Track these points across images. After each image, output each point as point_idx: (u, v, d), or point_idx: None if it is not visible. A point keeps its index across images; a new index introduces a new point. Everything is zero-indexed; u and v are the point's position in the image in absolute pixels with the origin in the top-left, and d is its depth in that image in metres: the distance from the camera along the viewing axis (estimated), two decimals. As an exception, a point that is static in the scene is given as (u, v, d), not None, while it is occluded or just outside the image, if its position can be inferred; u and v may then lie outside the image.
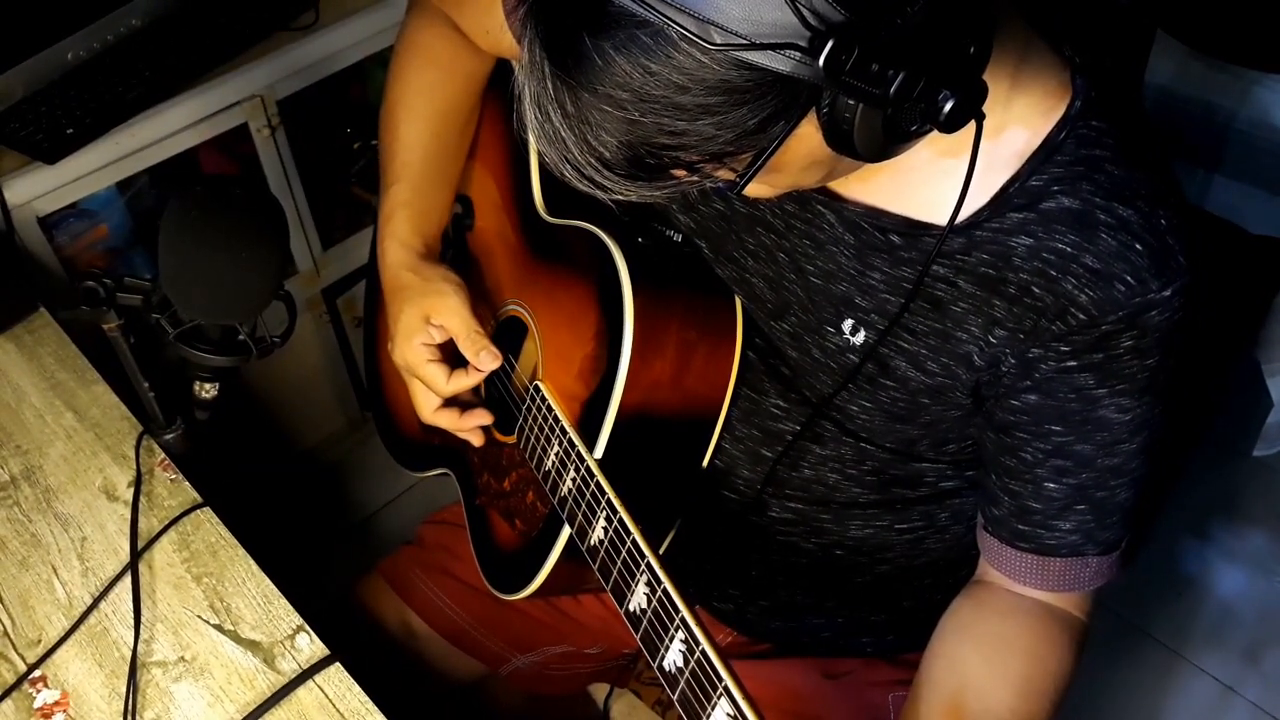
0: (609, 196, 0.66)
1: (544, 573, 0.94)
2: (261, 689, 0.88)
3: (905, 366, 0.82)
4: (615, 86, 0.58)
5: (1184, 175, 0.78)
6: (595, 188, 0.65)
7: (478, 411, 1.03)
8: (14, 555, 0.99)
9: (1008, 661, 0.83)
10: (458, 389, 1.00)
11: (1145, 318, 0.73)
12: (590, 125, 0.61)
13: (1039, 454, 0.81)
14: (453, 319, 0.99)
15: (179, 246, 0.89)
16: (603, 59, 0.58)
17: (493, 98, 1.10)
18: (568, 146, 0.63)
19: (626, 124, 0.60)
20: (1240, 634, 1.79)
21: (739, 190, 0.64)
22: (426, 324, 1.00)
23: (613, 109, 0.59)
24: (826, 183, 0.73)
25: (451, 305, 1.00)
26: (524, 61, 0.62)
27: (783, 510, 0.96)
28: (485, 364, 0.99)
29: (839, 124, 0.60)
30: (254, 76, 1.50)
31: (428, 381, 1.01)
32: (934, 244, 0.78)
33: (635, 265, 0.89)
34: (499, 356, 0.99)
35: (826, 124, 0.60)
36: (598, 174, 0.63)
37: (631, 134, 0.60)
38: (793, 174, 0.67)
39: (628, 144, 0.61)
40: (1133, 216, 0.73)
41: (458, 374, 1.00)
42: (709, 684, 0.69)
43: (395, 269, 1.04)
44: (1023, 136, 0.75)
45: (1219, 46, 1.82)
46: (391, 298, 1.04)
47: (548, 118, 0.62)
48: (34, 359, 1.16)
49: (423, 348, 1.00)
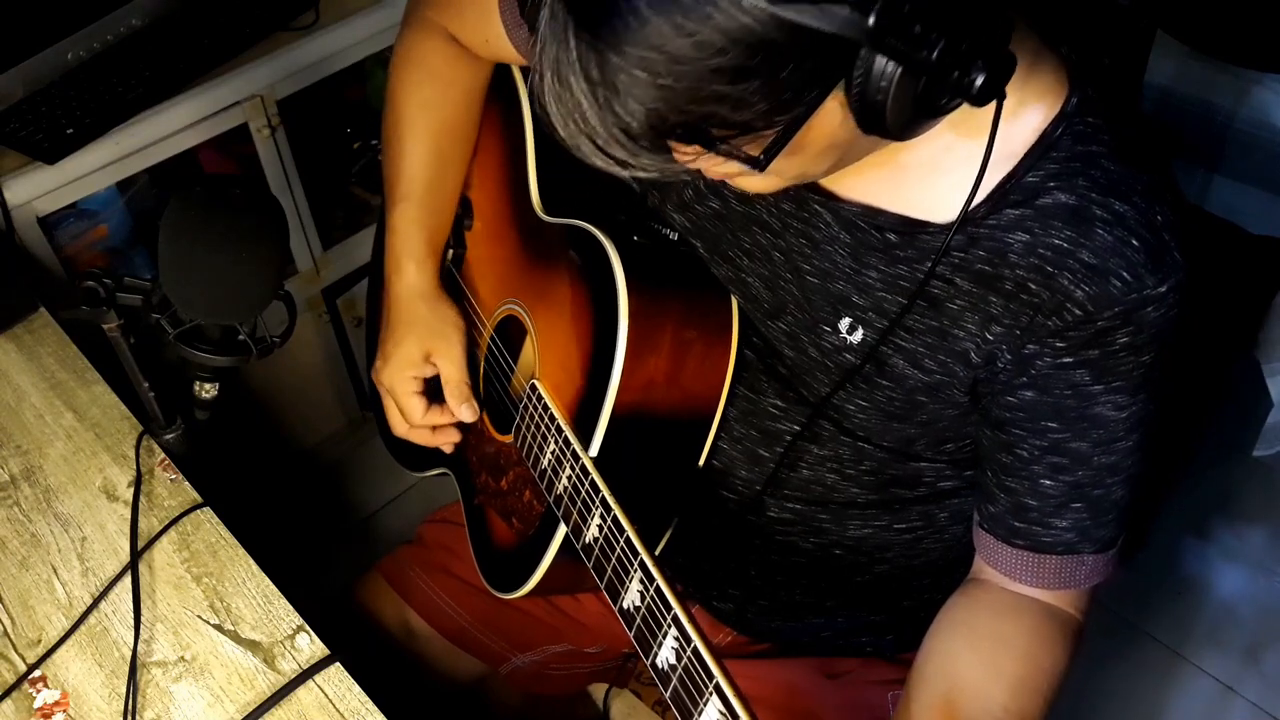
0: (629, 173, 0.64)
1: (540, 571, 0.94)
2: (261, 689, 0.88)
3: (903, 364, 0.82)
4: (648, 49, 0.56)
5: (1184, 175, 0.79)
6: (614, 164, 0.63)
7: (448, 430, 1.08)
8: (14, 555, 0.99)
9: (1001, 659, 0.83)
10: (430, 424, 1.07)
11: (1141, 314, 0.73)
12: (617, 92, 0.58)
13: (1035, 451, 0.81)
14: (449, 366, 1.06)
15: (179, 246, 0.89)
16: (637, 19, 0.56)
17: (491, 100, 1.10)
18: (588, 118, 0.60)
19: (657, 90, 0.58)
20: (1240, 634, 1.79)
21: (764, 166, 0.62)
22: (424, 361, 1.06)
23: (644, 73, 0.57)
24: (833, 172, 0.73)
25: (453, 354, 1.06)
26: (544, 25, 0.60)
27: (781, 510, 0.96)
28: (464, 416, 1.05)
29: (872, 93, 0.59)
30: (254, 76, 1.50)
31: (405, 410, 1.07)
32: (929, 241, 0.78)
33: (631, 264, 0.89)
34: (477, 412, 1.05)
35: (859, 94, 0.59)
36: (620, 148, 0.61)
37: (661, 101, 0.58)
38: (808, 158, 0.67)
39: (656, 112, 0.59)
40: (1129, 212, 0.73)
41: (434, 410, 1.07)
42: (701, 681, 0.69)
43: (410, 294, 1.08)
44: (1019, 134, 0.75)
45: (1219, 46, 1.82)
46: (397, 323, 1.07)
47: (568, 86, 0.60)
48: (34, 359, 1.16)
49: (411, 380, 1.06)
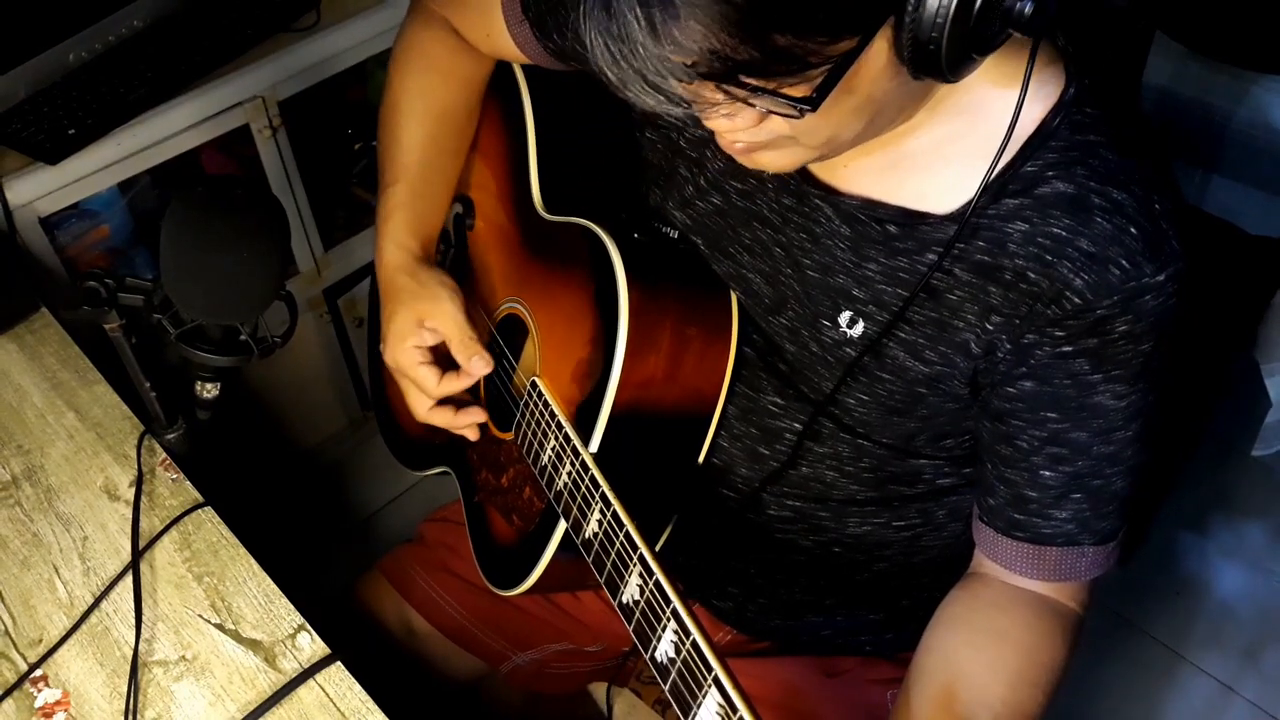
0: (681, 111, 0.64)
1: (540, 567, 0.95)
2: (262, 688, 0.89)
3: (903, 356, 0.83)
4: None
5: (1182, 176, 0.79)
6: (665, 101, 0.62)
7: (473, 409, 1.03)
8: (15, 555, 0.99)
9: (1000, 654, 0.83)
10: (448, 391, 1.01)
11: (1139, 302, 0.74)
12: (676, 15, 0.58)
13: (1035, 442, 0.81)
14: (446, 323, 1.00)
15: (180, 247, 0.90)
16: None
17: (492, 98, 1.10)
18: (639, 50, 0.60)
19: (719, 12, 0.58)
20: (1239, 633, 1.79)
21: (818, 104, 0.62)
22: (420, 327, 1.01)
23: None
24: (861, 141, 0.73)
25: (445, 310, 1.00)
26: None
27: (781, 508, 0.96)
28: (477, 369, 1.00)
29: (927, 26, 0.60)
30: (255, 77, 1.50)
31: (419, 383, 1.02)
32: (930, 232, 0.78)
33: (631, 261, 0.89)
34: (491, 362, 1.00)
35: (913, 26, 0.60)
36: (674, 79, 0.61)
37: (722, 20, 0.58)
38: (846, 111, 0.67)
39: (715, 37, 0.59)
40: (1127, 200, 0.73)
41: (449, 376, 1.01)
42: (699, 674, 0.69)
43: (391, 271, 1.04)
44: (1018, 124, 0.75)
45: (1218, 47, 1.82)
46: (386, 300, 1.05)
47: (618, 17, 0.59)
48: (36, 359, 1.16)
49: (414, 350, 1.01)
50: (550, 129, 1.06)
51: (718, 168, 0.91)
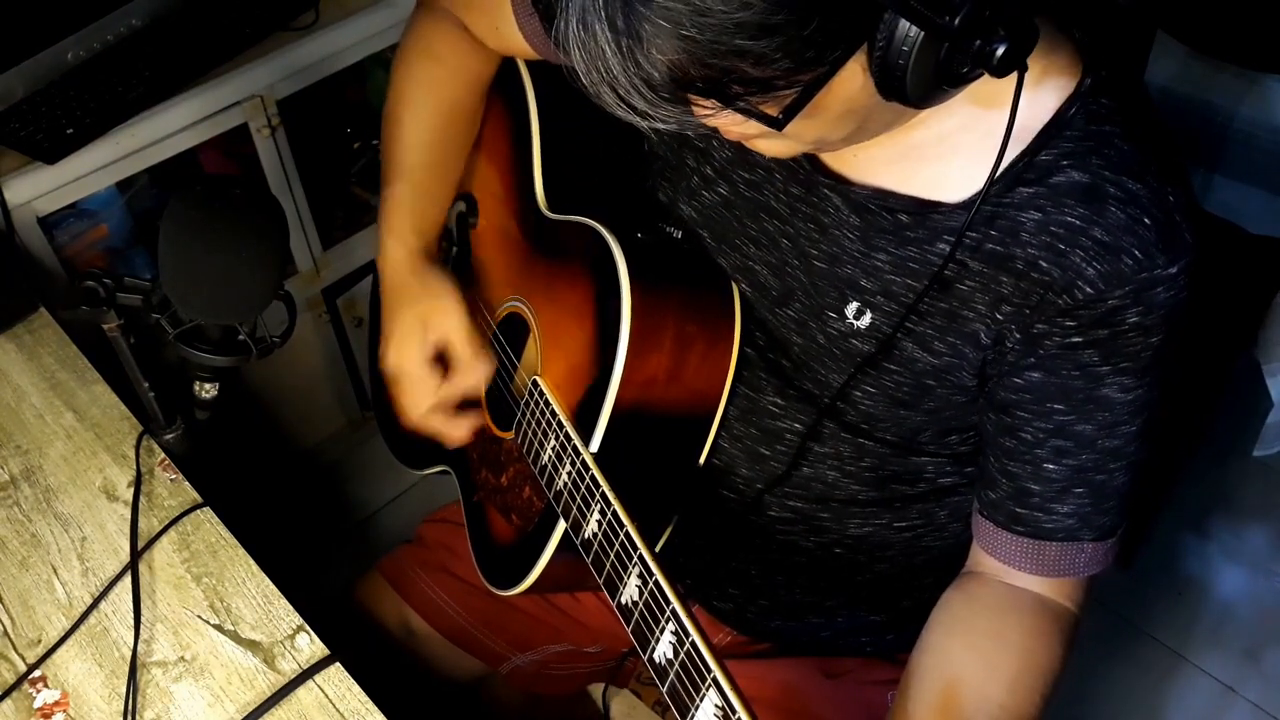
0: (648, 125, 0.65)
1: (539, 567, 0.94)
2: (261, 689, 0.88)
3: (912, 347, 0.82)
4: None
5: (1183, 175, 0.79)
6: (634, 114, 0.64)
7: (464, 420, 1.03)
8: (14, 555, 0.99)
9: (999, 657, 0.83)
10: (448, 395, 1.02)
11: (1151, 294, 0.74)
12: (641, 42, 0.59)
13: (1040, 434, 0.81)
14: (450, 326, 1.01)
15: (179, 246, 0.89)
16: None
17: (497, 96, 1.10)
18: (611, 66, 0.61)
19: (680, 41, 0.58)
20: (1240, 634, 1.79)
21: (782, 126, 0.63)
22: (423, 329, 1.01)
23: (668, 24, 0.58)
24: (852, 143, 0.73)
25: (449, 312, 1.01)
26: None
27: (781, 509, 0.96)
28: (479, 374, 1.00)
29: (894, 58, 0.60)
30: (254, 76, 1.50)
31: (419, 386, 1.02)
32: (942, 221, 0.78)
33: (634, 260, 0.89)
34: (494, 361, 1.00)
35: (880, 58, 0.60)
36: (640, 98, 0.62)
37: (684, 53, 0.59)
38: (826, 122, 0.67)
39: (678, 64, 0.59)
40: (1142, 191, 0.73)
41: (449, 380, 1.01)
42: (698, 675, 0.69)
43: (395, 269, 1.05)
44: (1034, 113, 0.75)
45: (1219, 46, 1.82)
46: (389, 298, 1.05)
47: (593, 34, 0.60)
48: (34, 359, 1.16)
49: (417, 352, 1.01)
50: (554, 123, 1.06)
51: (725, 156, 0.91)
